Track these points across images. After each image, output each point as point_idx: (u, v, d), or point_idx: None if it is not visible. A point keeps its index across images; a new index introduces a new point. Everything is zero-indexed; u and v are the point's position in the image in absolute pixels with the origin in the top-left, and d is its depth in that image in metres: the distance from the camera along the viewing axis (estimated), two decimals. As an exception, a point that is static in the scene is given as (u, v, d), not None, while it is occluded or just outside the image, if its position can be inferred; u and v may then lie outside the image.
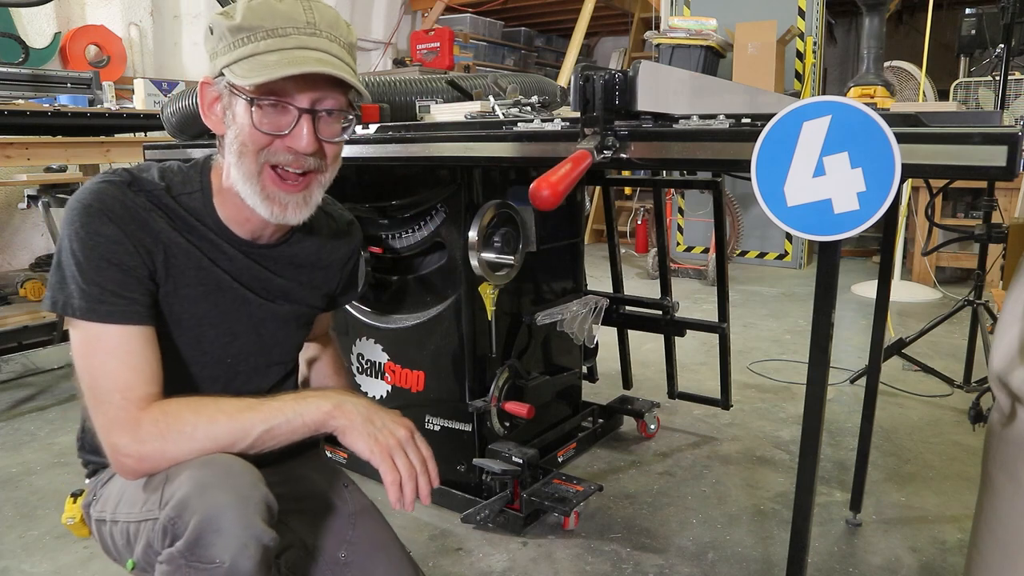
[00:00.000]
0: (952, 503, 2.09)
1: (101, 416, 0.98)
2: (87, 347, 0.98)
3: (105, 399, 0.97)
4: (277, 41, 0.96)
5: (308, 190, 1.05)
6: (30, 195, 2.99)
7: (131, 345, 0.98)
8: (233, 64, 0.97)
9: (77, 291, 0.96)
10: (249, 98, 0.97)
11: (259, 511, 0.93)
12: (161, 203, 1.04)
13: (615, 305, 2.48)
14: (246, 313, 1.13)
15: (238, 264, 1.10)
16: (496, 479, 1.94)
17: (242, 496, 0.92)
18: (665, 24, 5.60)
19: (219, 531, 0.89)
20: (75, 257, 0.97)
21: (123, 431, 0.96)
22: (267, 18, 0.97)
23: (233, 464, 0.96)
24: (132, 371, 0.98)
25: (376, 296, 2.13)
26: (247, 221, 1.08)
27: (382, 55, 6.82)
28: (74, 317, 0.97)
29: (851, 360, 3.33)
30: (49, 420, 2.76)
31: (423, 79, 2.04)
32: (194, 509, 0.90)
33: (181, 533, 0.91)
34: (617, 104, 1.22)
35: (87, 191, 0.99)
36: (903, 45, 7.13)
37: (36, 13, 4.26)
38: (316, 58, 0.97)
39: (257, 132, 0.99)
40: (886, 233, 1.80)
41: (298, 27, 0.98)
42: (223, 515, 0.90)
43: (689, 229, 5.99)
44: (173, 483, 0.95)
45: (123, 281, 0.98)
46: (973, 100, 4.59)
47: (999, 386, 1.08)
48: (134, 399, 0.97)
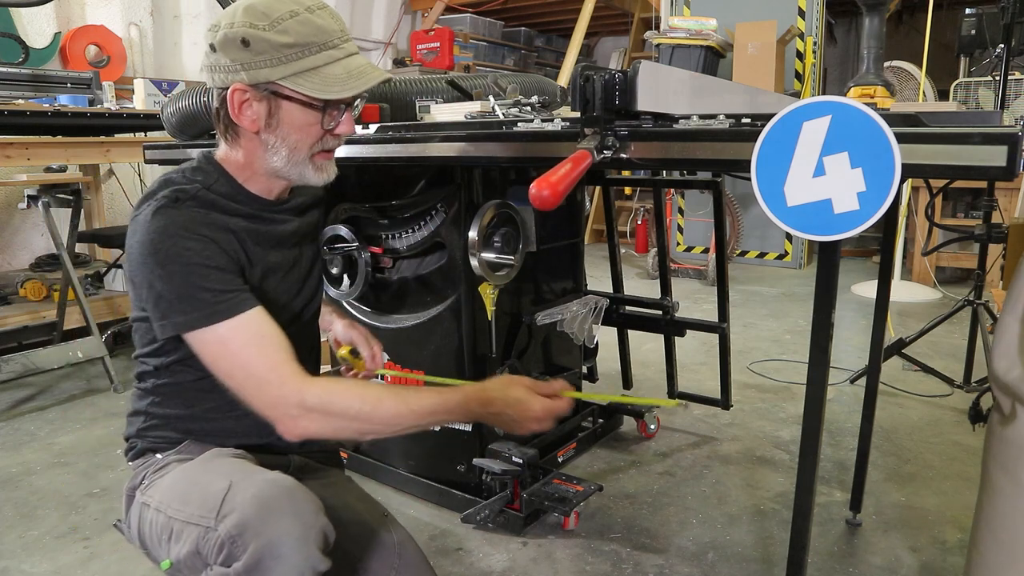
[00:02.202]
0: (952, 503, 2.09)
1: (265, 397, 1.04)
2: (223, 348, 1.05)
3: (263, 382, 1.04)
4: (331, 53, 1.10)
5: None
6: (30, 195, 2.99)
7: (260, 329, 1.07)
8: (292, 76, 1.08)
9: (190, 307, 1.03)
10: (321, 106, 1.12)
11: (318, 541, 0.97)
12: (208, 201, 1.13)
13: (615, 305, 2.48)
14: (301, 261, 1.28)
15: (279, 221, 1.23)
16: (496, 479, 1.94)
17: (305, 524, 0.96)
18: (665, 24, 5.60)
19: (279, 558, 0.93)
20: (172, 282, 1.04)
21: (290, 405, 1.03)
22: (316, 34, 1.09)
23: (296, 490, 1.00)
24: (273, 350, 1.06)
25: (376, 296, 2.13)
26: (272, 189, 1.22)
27: (382, 55, 6.81)
28: (198, 328, 1.04)
29: (851, 360, 3.33)
30: (49, 420, 2.76)
31: (423, 79, 2.04)
32: (256, 531, 0.94)
33: (239, 555, 0.94)
34: (617, 104, 1.23)
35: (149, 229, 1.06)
36: (903, 45, 7.13)
37: (36, 13, 4.26)
38: (368, 66, 1.14)
39: (319, 130, 1.14)
40: (886, 233, 1.80)
41: (339, 37, 1.11)
42: (284, 543, 0.93)
43: (689, 229, 5.99)
44: (235, 497, 0.98)
45: (225, 279, 1.07)
46: (973, 100, 4.59)
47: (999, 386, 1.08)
48: (287, 374, 1.04)
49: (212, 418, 1.22)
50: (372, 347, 1.46)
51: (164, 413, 1.21)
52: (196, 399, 1.21)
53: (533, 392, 1.13)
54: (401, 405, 1.06)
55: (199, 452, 1.18)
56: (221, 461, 1.13)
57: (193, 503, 1.05)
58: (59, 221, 3.07)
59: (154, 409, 1.22)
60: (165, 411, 1.21)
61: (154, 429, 1.22)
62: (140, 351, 1.21)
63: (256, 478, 1.02)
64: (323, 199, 1.38)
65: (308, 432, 1.04)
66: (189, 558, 1.02)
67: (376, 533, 1.28)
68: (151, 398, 1.22)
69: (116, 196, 4.59)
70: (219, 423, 1.22)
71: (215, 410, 1.21)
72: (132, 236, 1.09)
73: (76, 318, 3.26)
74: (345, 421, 1.04)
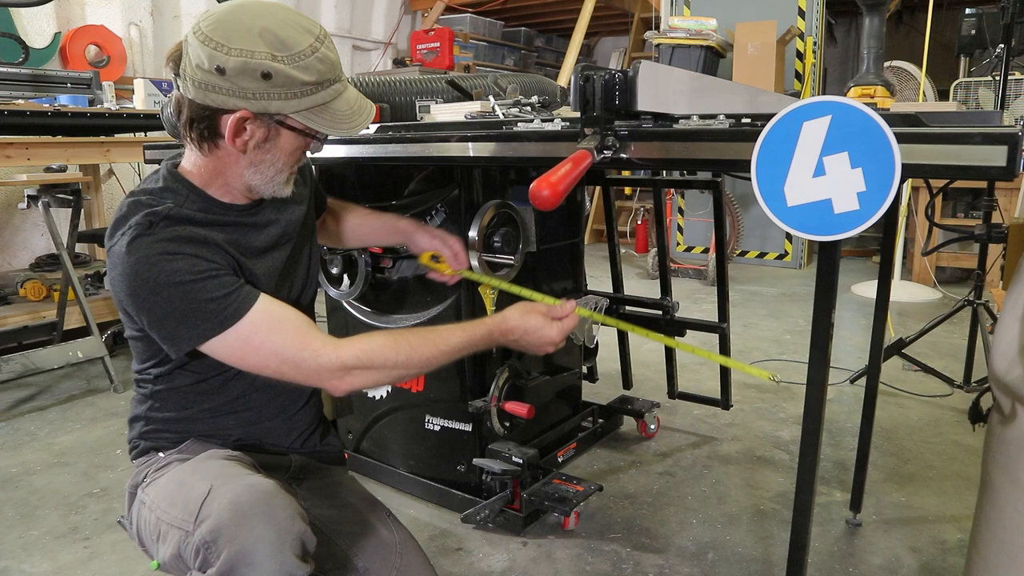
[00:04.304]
0: (952, 503, 2.09)
1: (308, 374, 1.08)
2: (246, 346, 1.06)
3: (299, 362, 1.06)
4: (336, 88, 1.12)
5: None
6: (30, 195, 2.99)
7: (273, 315, 1.08)
8: (306, 112, 1.10)
9: (199, 320, 1.04)
10: (322, 137, 1.16)
11: (294, 547, 0.96)
12: (183, 218, 1.11)
13: (615, 305, 2.48)
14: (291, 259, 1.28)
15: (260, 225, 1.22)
16: (496, 479, 1.94)
17: (280, 530, 0.95)
18: (665, 24, 5.60)
19: (252, 564, 0.92)
20: (172, 304, 1.04)
21: (333, 371, 1.07)
22: (330, 70, 1.11)
23: (274, 495, 0.99)
24: (294, 329, 1.08)
25: (376, 296, 2.13)
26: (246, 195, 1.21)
27: (382, 55, 6.81)
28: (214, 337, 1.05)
29: (851, 360, 3.33)
30: (49, 420, 2.76)
31: (423, 79, 2.04)
32: (229, 538, 0.94)
33: (213, 561, 0.94)
34: (617, 104, 1.22)
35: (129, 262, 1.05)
36: (903, 45, 7.14)
37: (36, 13, 4.26)
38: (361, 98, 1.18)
39: (303, 153, 1.18)
40: (886, 233, 1.80)
41: (340, 69, 1.14)
42: (258, 549, 0.93)
43: (689, 229, 5.98)
44: (212, 503, 0.98)
45: (226, 281, 1.07)
46: (973, 100, 4.59)
47: (999, 386, 1.08)
48: (318, 346, 1.07)
49: (211, 419, 1.23)
50: (452, 247, 1.56)
51: (163, 417, 1.22)
52: (194, 401, 1.21)
53: (549, 318, 1.24)
54: (432, 347, 1.13)
55: (200, 451, 1.18)
56: (210, 464, 1.13)
57: (178, 506, 1.05)
58: (59, 221, 3.07)
59: (153, 414, 1.23)
60: (164, 415, 1.22)
61: (155, 432, 1.23)
62: (138, 366, 1.21)
63: (235, 483, 1.01)
64: (307, 196, 1.36)
65: (355, 386, 1.10)
66: (172, 560, 1.03)
67: (378, 532, 1.28)
68: (150, 403, 1.22)
69: (116, 196, 4.59)
70: (218, 423, 1.23)
71: (213, 411, 1.22)
72: (113, 269, 1.07)
73: (76, 318, 3.26)
74: (385, 371, 1.11)
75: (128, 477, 1.24)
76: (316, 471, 1.35)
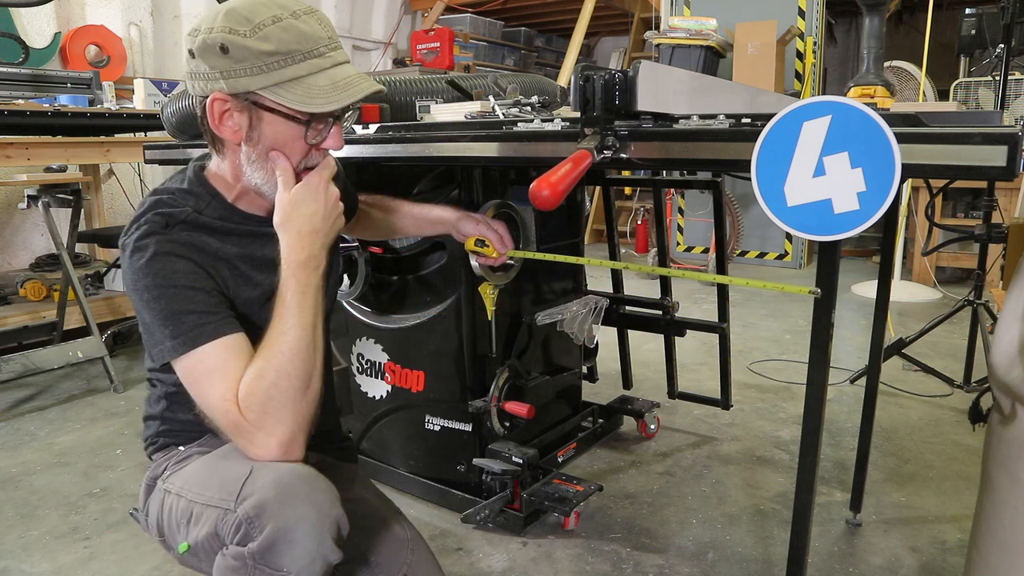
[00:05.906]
0: (952, 503, 2.09)
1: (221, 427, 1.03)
2: (191, 375, 1.04)
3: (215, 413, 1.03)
4: (316, 62, 1.05)
5: None
6: (30, 195, 2.99)
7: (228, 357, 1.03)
8: (273, 87, 1.03)
9: (170, 332, 1.02)
10: (305, 119, 1.07)
11: (332, 530, 0.97)
12: (199, 224, 1.11)
13: (615, 305, 2.48)
14: None
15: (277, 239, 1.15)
16: (496, 479, 1.94)
17: (320, 512, 0.96)
18: (665, 24, 5.59)
19: (293, 542, 0.93)
20: (158, 304, 1.03)
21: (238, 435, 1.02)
22: (300, 41, 1.03)
23: (315, 478, 1.00)
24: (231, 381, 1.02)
25: (376, 296, 2.13)
26: (263, 205, 1.18)
27: (382, 55, 6.81)
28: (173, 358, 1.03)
29: (851, 360, 3.33)
30: (49, 420, 2.76)
31: (423, 79, 2.03)
32: (273, 514, 0.94)
33: (255, 535, 0.95)
34: (617, 104, 1.22)
35: (139, 250, 1.05)
36: (903, 45, 7.14)
37: (36, 13, 4.26)
38: (356, 76, 1.08)
39: (303, 145, 1.09)
40: (886, 233, 1.80)
41: (326, 45, 1.06)
42: (299, 528, 0.94)
43: (689, 229, 5.98)
44: (256, 481, 0.99)
45: (210, 301, 1.05)
46: (973, 100, 4.59)
47: (999, 386, 1.08)
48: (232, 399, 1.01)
49: None
50: (496, 231, 1.55)
51: (177, 418, 1.22)
52: None
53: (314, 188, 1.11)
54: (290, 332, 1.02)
55: (219, 444, 1.19)
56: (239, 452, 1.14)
57: (214, 487, 1.05)
58: (59, 221, 3.07)
59: (168, 414, 1.23)
60: (178, 416, 1.22)
61: (170, 432, 1.24)
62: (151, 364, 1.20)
63: (276, 465, 1.02)
64: None
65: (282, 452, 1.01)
66: (207, 540, 1.03)
67: (390, 528, 1.28)
68: (164, 403, 1.23)
69: (116, 196, 4.59)
70: None
71: None
72: (124, 261, 1.08)
73: (76, 318, 3.26)
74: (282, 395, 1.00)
75: (128, 477, 1.24)
76: (331, 466, 1.35)
